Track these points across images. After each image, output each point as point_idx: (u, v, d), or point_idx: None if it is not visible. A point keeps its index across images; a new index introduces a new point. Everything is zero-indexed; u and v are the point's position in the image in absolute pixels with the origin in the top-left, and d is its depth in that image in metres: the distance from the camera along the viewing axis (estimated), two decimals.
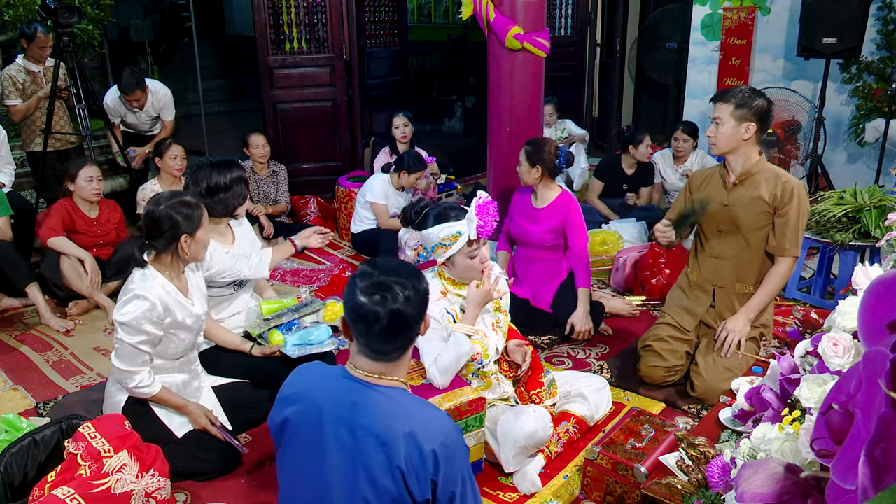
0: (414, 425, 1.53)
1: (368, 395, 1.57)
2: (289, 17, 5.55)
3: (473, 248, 2.45)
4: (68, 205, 3.91)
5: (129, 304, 2.33)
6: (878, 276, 0.93)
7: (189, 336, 2.51)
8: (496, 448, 2.48)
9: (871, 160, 5.16)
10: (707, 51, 6.02)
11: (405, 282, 1.55)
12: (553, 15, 7.36)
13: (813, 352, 1.71)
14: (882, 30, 5.10)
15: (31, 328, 3.78)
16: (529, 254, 3.59)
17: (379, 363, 1.60)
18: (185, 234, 2.38)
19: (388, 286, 1.53)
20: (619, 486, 2.29)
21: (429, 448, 1.51)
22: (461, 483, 1.56)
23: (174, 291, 2.43)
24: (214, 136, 7.59)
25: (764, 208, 2.83)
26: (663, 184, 5.24)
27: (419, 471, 1.51)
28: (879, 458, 0.76)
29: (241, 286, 2.99)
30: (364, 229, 4.76)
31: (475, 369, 2.52)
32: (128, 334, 2.33)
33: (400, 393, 1.61)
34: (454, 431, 1.60)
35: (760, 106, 2.75)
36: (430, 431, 1.53)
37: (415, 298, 1.55)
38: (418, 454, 1.50)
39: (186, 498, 2.46)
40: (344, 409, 1.56)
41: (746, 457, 1.51)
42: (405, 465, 1.50)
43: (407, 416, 1.55)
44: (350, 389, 1.59)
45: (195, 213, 2.40)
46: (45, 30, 4.43)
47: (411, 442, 1.51)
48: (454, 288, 2.52)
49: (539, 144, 3.48)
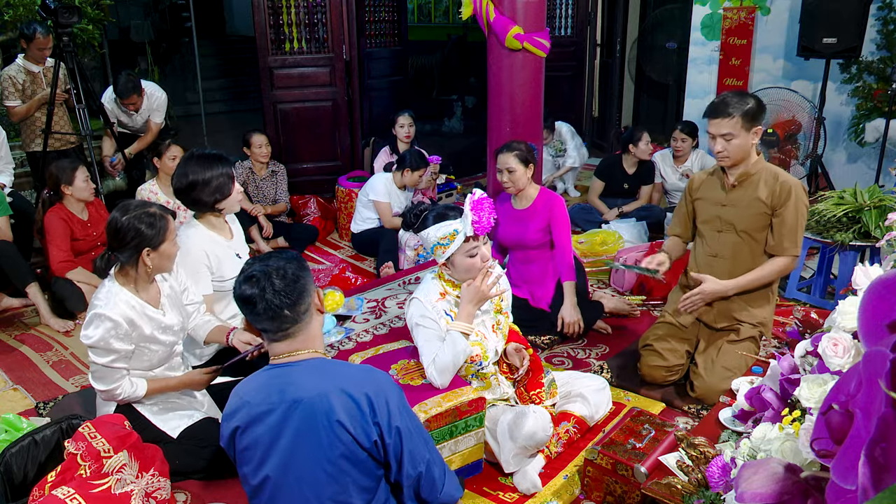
0: (341, 380, 1.66)
1: (291, 373, 1.70)
2: (289, 17, 5.56)
3: (472, 247, 2.42)
4: (63, 215, 3.80)
5: (90, 325, 2.30)
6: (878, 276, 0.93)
7: (162, 348, 2.46)
8: (496, 448, 2.48)
9: (871, 160, 5.15)
10: (707, 51, 6.02)
11: (274, 264, 1.70)
12: (553, 15, 7.36)
13: (813, 352, 1.71)
14: (882, 30, 5.10)
15: (31, 328, 3.78)
16: (523, 256, 3.59)
17: (285, 342, 1.73)
18: (147, 248, 2.31)
19: (261, 271, 1.69)
20: (619, 486, 2.29)
21: (360, 392, 1.63)
22: (403, 421, 1.67)
23: (140, 305, 2.37)
24: (214, 136, 7.60)
25: (762, 209, 2.83)
26: (663, 184, 5.25)
27: (358, 416, 1.62)
28: (879, 458, 0.75)
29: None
30: (364, 229, 4.76)
31: (475, 370, 2.52)
32: (98, 356, 2.32)
33: (318, 360, 1.75)
34: (381, 375, 1.74)
35: (755, 107, 2.77)
36: (356, 380, 1.68)
37: (286, 274, 1.69)
38: (352, 401, 1.62)
39: (186, 498, 2.46)
40: (275, 395, 1.67)
41: (746, 457, 1.51)
42: (345, 416, 1.61)
43: (331, 375, 1.68)
44: (275, 376, 1.71)
45: (159, 225, 2.32)
46: (44, 30, 4.42)
47: (342, 393, 1.63)
48: (453, 289, 2.51)
49: (524, 144, 3.50)
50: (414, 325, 2.45)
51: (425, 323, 2.43)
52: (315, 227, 5.18)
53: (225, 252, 2.85)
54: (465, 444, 2.42)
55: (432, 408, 2.31)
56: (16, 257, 3.78)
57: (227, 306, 2.96)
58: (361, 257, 4.85)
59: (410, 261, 4.52)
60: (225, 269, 2.83)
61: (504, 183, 3.48)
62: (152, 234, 2.31)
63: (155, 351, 2.45)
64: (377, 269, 4.49)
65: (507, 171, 3.43)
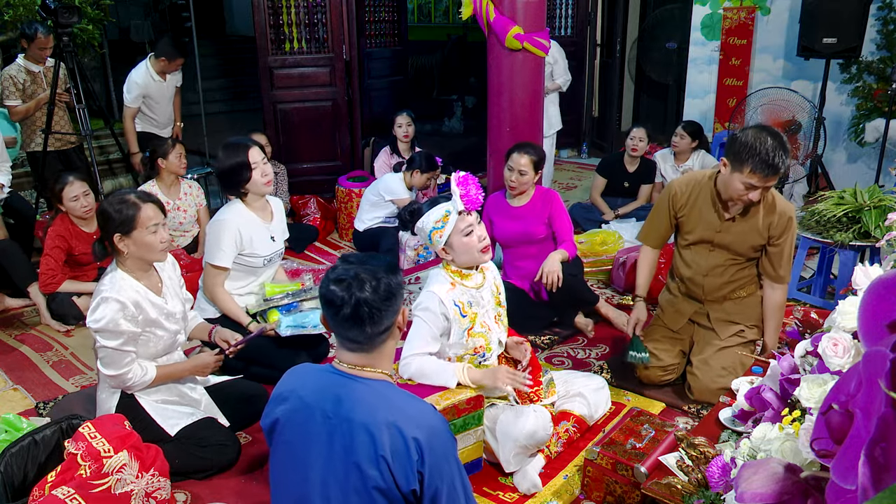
0: (397, 415, 1.56)
1: (352, 388, 1.61)
2: (289, 17, 5.55)
3: (467, 224, 2.42)
4: (64, 231, 3.67)
5: (98, 308, 2.32)
6: (878, 276, 0.93)
7: (167, 334, 2.51)
8: (496, 448, 2.48)
9: (871, 160, 5.15)
10: (707, 51, 6.02)
11: (373, 272, 1.59)
12: (553, 15, 7.35)
13: (813, 352, 1.71)
14: (882, 30, 5.10)
15: (31, 328, 3.78)
16: (519, 251, 3.62)
17: (357, 354, 1.64)
18: (117, 233, 2.36)
19: (355, 275, 1.58)
20: (619, 486, 2.29)
21: (411, 436, 1.53)
22: (448, 477, 1.57)
23: (144, 290, 2.43)
24: (214, 136, 7.59)
25: (759, 240, 2.81)
26: (664, 183, 5.25)
27: (403, 460, 1.53)
28: (879, 458, 0.75)
29: (270, 262, 3.18)
30: (368, 227, 4.78)
31: (477, 363, 2.52)
32: (107, 339, 2.33)
33: (383, 385, 1.64)
34: (438, 421, 1.62)
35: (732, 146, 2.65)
36: (413, 420, 1.56)
37: (380, 288, 1.58)
38: (402, 443, 1.53)
39: (186, 498, 2.46)
40: (329, 403, 1.60)
41: (746, 457, 1.51)
42: (390, 454, 1.52)
43: (390, 406, 1.58)
44: (335, 383, 1.63)
45: (130, 213, 2.37)
46: (45, 30, 4.42)
47: (395, 431, 1.53)
48: (462, 279, 2.50)
49: (539, 149, 3.54)
50: (415, 314, 2.46)
51: (425, 317, 2.42)
52: (315, 227, 5.18)
53: (259, 232, 3.08)
54: (465, 443, 2.42)
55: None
56: (17, 256, 3.79)
57: (248, 281, 3.13)
58: None
59: (410, 261, 4.52)
60: (257, 247, 3.07)
61: (511, 181, 3.51)
62: (119, 219, 2.36)
63: (161, 337, 2.48)
64: None
65: (518, 172, 3.46)
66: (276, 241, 3.18)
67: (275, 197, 3.31)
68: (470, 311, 2.49)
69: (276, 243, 3.17)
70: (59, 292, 3.70)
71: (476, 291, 2.52)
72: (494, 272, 2.66)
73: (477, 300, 2.52)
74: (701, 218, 2.87)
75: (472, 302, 2.50)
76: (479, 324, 2.50)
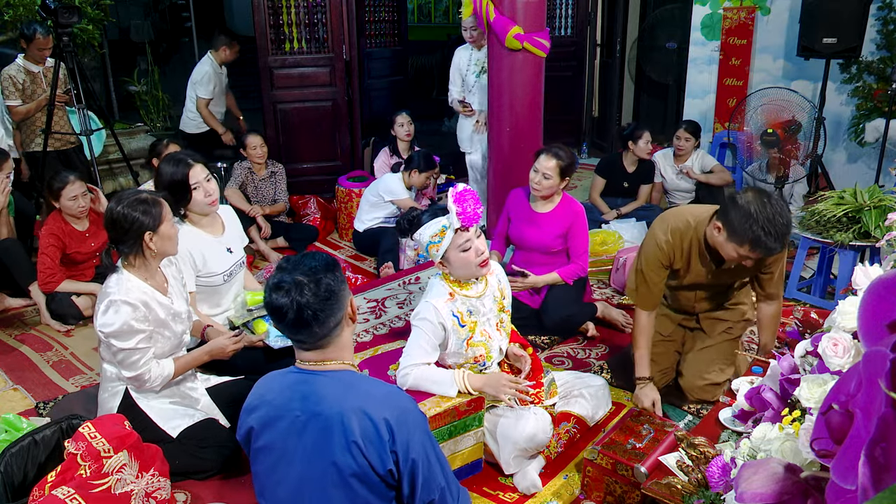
0: (364, 399, 1.59)
1: (316, 383, 1.64)
2: (289, 17, 5.56)
3: (465, 240, 2.37)
4: (57, 229, 3.67)
5: (108, 313, 2.31)
6: (878, 276, 0.93)
7: (174, 336, 2.50)
8: (496, 450, 2.47)
9: (871, 160, 5.15)
10: (707, 51, 6.01)
11: (311, 273, 1.60)
12: (553, 15, 7.36)
13: (813, 352, 1.70)
14: (882, 30, 5.09)
15: (31, 328, 3.78)
16: (530, 258, 3.54)
17: (314, 351, 1.66)
18: (147, 231, 2.35)
19: (294, 280, 1.58)
20: (619, 486, 2.29)
21: (381, 417, 1.56)
22: (422, 452, 1.60)
23: (151, 291, 2.42)
24: None
25: (749, 273, 2.80)
26: (663, 183, 5.24)
27: (375, 442, 1.56)
28: (879, 458, 0.75)
29: (231, 276, 2.98)
30: (368, 227, 4.77)
31: (477, 371, 2.51)
32: (122, 341, 2.32)
33: (347, 374, 1.68)
34: (406, 401, 1.67)
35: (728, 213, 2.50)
36: (380, 403, 1.60)
37: (320, 289, 1.59)
38: (371, 425, 1.56)
39: (186, 498, 2.46)
40: (296, 402, 1.63)
41: (746, 457, 1.51)
42: (361, 438, 1.55)
43: (357, 392, 1.62)
44: (299, 382, 1.66)
45: (154, 209, 2.37)
46: (44, 31, 4.42)
47: (363, 415, 1.57)
48: (460, 289, 2.47)
49: (571, 155, 3.41)
50: (413, 324, 2.45)
51: (423, 326, 2.40)
52: (315, 227, 5.18)
53: (213, 248, 2.89)
54: (465, 444, 2.42)
55: (431, 408, 2.31)
56: (20, 255, 3.79)
57: (217, 303, 2.98)
58: (361, 257, 4.86)
59: (410, 261, 4.52)
60: (212, 265, 2.88)
61: (535, 183, 3.41)
62: (149, 217, 2.35)
63: (168, 338, 2.47)
64: (377, 269, 4.49)
65: (542, 175, 3.36)
66: (235, 251, 2.99)
67: (224, 205, 3.11)
68: (469, 320, 2.46)
69: (234, 254, 2.98)
70: (59, 292, 3.70)
71: (476, 300, 2.48)
72: (500, 275, 2.62)
73: (477, 309, 2.48)
74: (691, 269, 2.80)
75: (472, 311, 2.47)
76: (478, 333, 2.47)
